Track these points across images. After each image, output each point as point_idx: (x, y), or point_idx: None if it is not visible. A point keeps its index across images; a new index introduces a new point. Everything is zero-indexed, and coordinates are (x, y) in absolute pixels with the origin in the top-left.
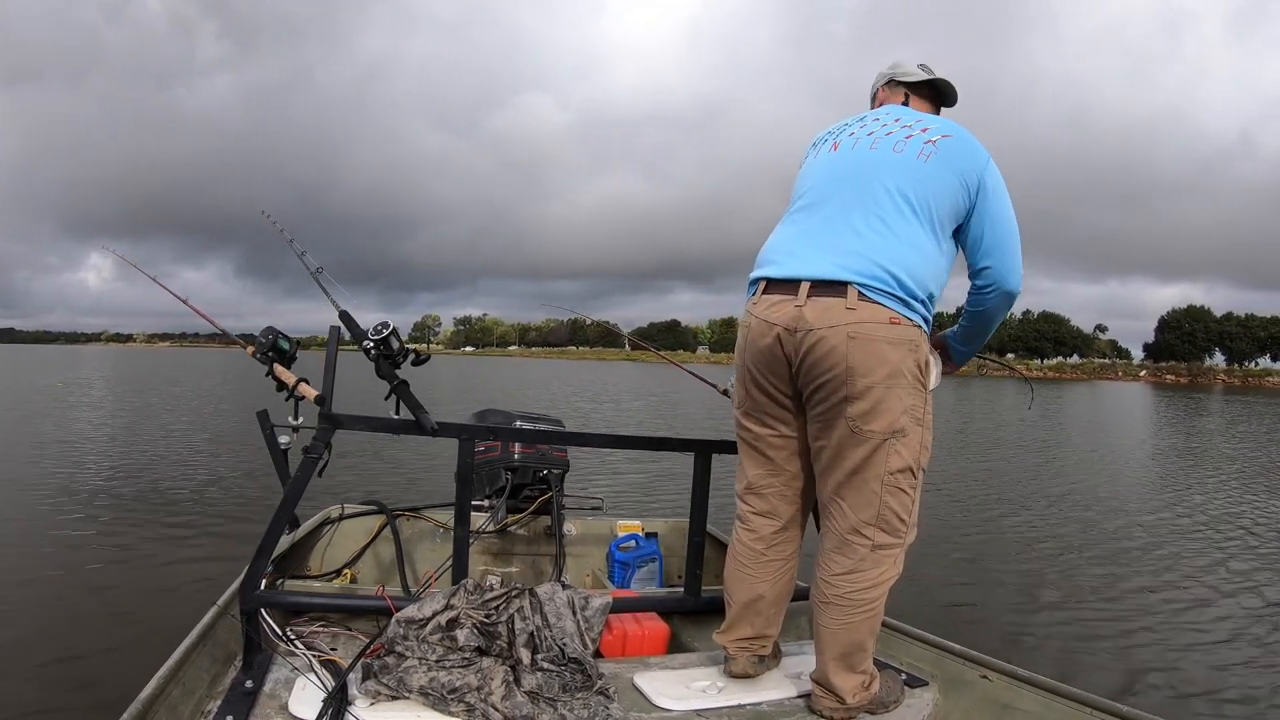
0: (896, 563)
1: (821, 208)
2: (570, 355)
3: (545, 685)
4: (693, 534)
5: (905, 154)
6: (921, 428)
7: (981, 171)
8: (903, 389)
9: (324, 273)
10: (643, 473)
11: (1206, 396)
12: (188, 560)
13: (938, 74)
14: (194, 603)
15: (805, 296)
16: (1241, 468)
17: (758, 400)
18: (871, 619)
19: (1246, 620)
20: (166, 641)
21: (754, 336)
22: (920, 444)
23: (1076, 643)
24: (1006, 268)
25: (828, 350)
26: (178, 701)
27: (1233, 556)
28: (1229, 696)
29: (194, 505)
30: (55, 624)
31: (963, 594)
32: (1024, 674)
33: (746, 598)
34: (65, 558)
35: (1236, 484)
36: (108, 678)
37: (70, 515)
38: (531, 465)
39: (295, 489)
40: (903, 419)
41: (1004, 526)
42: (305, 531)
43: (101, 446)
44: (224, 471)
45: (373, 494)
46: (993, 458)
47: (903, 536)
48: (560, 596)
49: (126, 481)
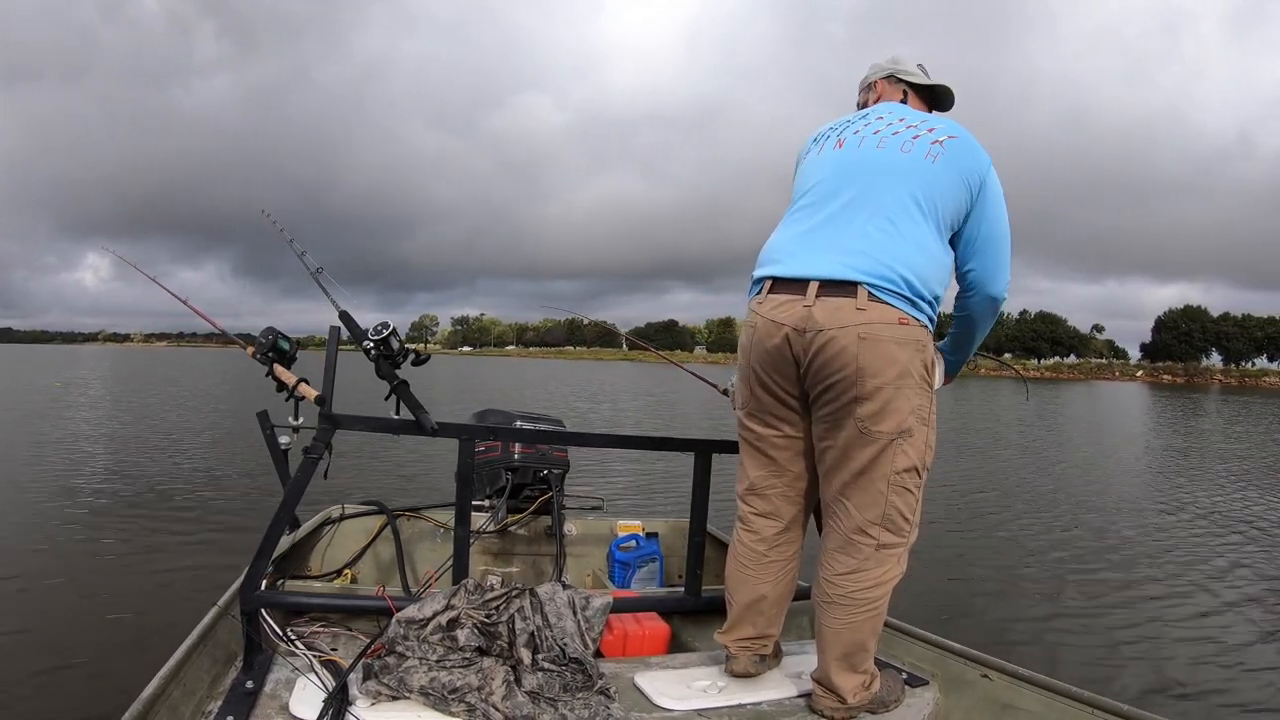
0: (900, 562)
1: (826, 205)
2: (567, 355)
3: (546, 685)
4: (693, 534)
5: (913, 155)
6: (927, 428)
7: (984, 174)
8: (910, 389)
9: (324, 273)
10: (646, 473)
11: (1203, 396)
12: (188, 561)
13: (935, 79)
14: (194, 603)
15: (814, 296)
16: (1245, 467)
17: (762, 401)
18: (874, 618)
19: (1251, 621)
20: (167, 642)
21: (760, 336)
22: (926, 444)
23: (1077, 641)
24: (990, 272)
25: (838, 350)
26: (178, 702)
27: (1239, 554)
28: (1230, 698)
29: (194, 506)
30: (56, 625)
31: (962, 593)
32: (1025, 673)
33: (748, 598)
34: (66, 558)
35: (1233, 483)
36: (109, 678)
37: (70, 516)
38: (532, 465)
39: (295, 489)
40: (910, 419)
41: (1003, 525)
42: (305, 532)
43: (101, 447)
44: (224, 472)
45: (373, 494)
46: (990, 458)
47: (906, 536)
48: (561, 596)
49: (127, 482)
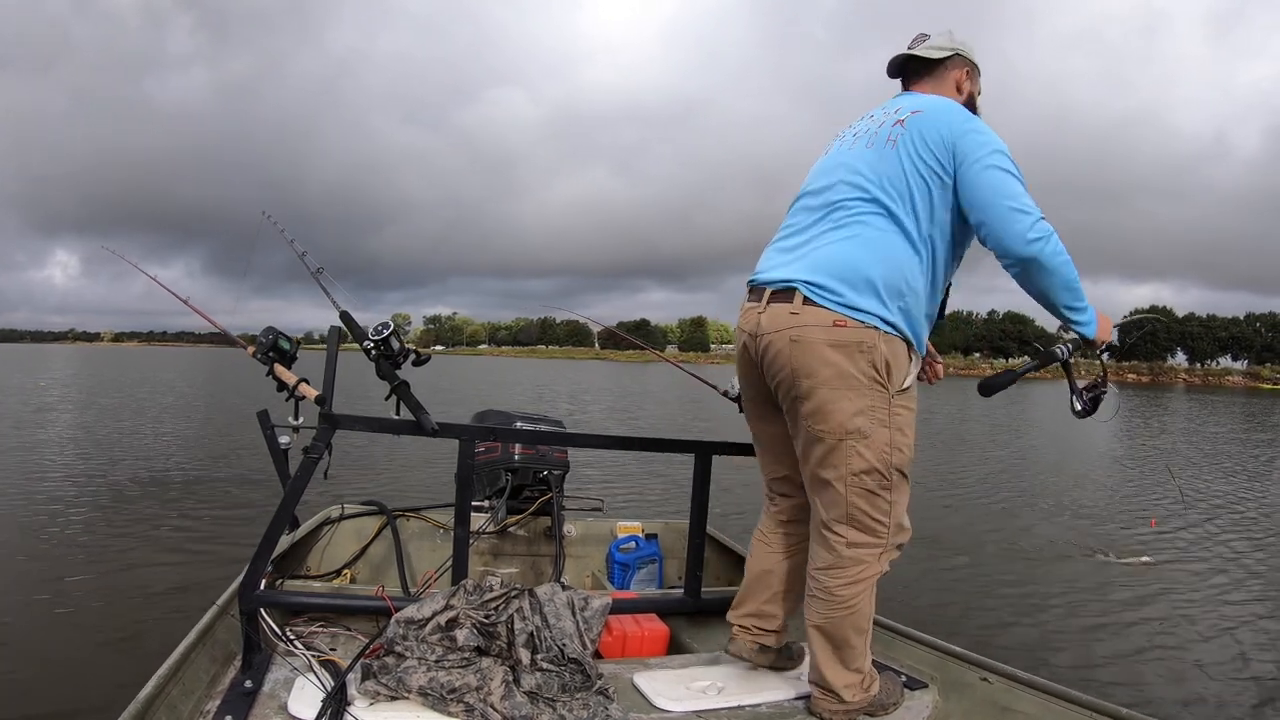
0: (879, 560)
1: (793, 213)
2: (540, 354)
3: (544, 685)
4: (692, 535)
5: (875, 146)
6: (888, 429)
7: (956, 137)
8: (853, 390)
9: (324, 273)
10: (646, 474)
11: (1167, 394)
12: (187, 560)
13: (944, 41)
14: (193, 603)
15: (765, 303)
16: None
17: (750, 398)
18: (853, 616)
19: (1252, 623)
20: (166, 641)
21: (736, 340)
22: (888, 445)
23: (1076, 642)
24: (997, 228)
25: (774, 354)
26: (177, 701)
27: (1239, 550)
28: (1230, 700)
29: (193, 505)
30: (55, 625)
31: (962, 596)
32: (1024, 676)
33: (760, 568)
34: (63, 558)
35: (1228, 479)
36: (108, 677)
37: (68, 516)
38: (531, 466)
39: (295, 489)
40: (856, 420)
41: (997, 527)
42: (305, 532)
43: (95, 447)
44: (223, 472)
45: (372, 494)
46: (969, 459)
47: (883, 537)
48: (560, 597)
49: (124, 482)
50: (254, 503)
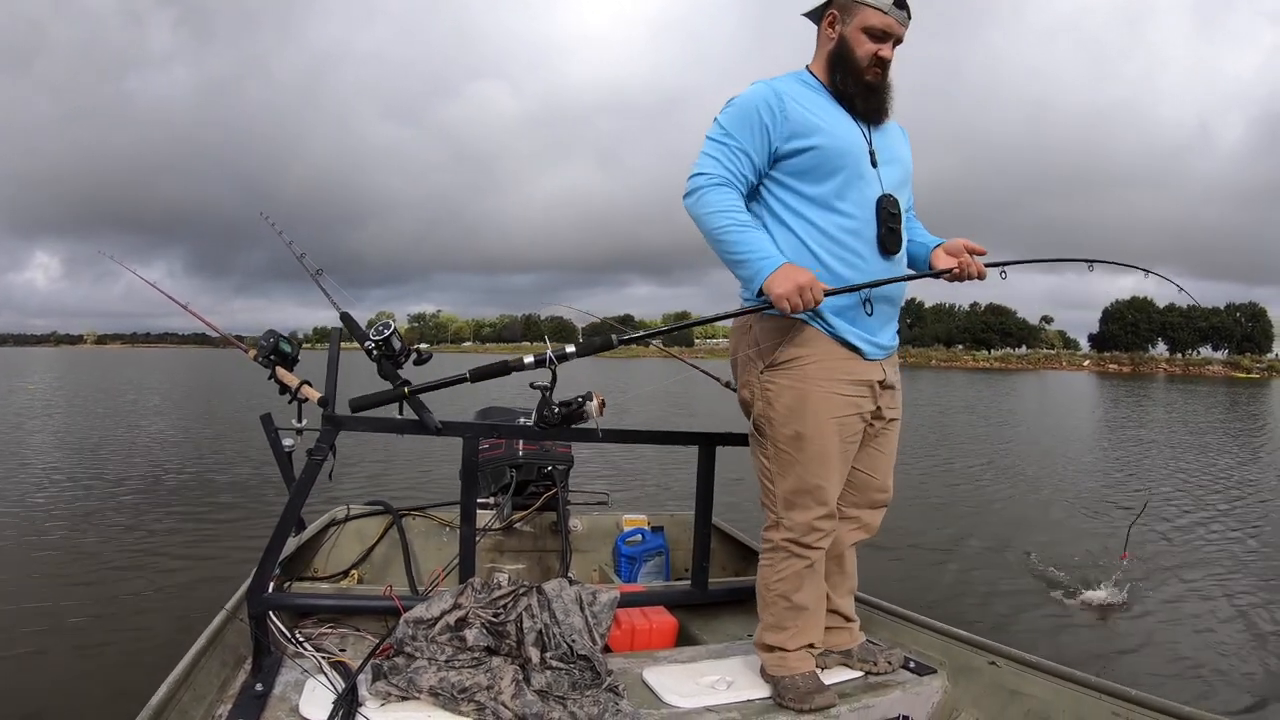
0: (777, 537)
1: None
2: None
3: (555, 683)
4: (698, 527)
5: None
6: (762, 402)
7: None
8: (744, 365)
9: (324, 274)
10: (651, 467)
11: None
12: (195, 564)
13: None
14: (202, 607)
15: None
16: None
17: None
18: (759, 575)
19: (1257, 608)
20: (176, 646)
21: None
22: (762, 415)
23: (1079, 627)
24: None
25: None
26: (188, 706)
27: (1243, 535)
28: (1236, 680)
29: (199, 509)
30: (65, 631)
31: (968, 580)
32: (1032, 659)
33: None
34: (72, 565)
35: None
36: (118, 683)
37: (74, 522)
38: (536, 462)
39: (300, 491)
40: (745, 391)
41: (996, 513)
42: (311, 533)
43: (95, 451)
44: (227, 475)
45: (377, 494)
46: (959, 451)
47: (774, 508)
48: (568, 592)
49: (127, 487)
50: (259, 506)
